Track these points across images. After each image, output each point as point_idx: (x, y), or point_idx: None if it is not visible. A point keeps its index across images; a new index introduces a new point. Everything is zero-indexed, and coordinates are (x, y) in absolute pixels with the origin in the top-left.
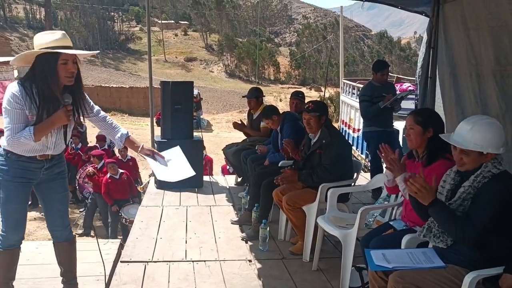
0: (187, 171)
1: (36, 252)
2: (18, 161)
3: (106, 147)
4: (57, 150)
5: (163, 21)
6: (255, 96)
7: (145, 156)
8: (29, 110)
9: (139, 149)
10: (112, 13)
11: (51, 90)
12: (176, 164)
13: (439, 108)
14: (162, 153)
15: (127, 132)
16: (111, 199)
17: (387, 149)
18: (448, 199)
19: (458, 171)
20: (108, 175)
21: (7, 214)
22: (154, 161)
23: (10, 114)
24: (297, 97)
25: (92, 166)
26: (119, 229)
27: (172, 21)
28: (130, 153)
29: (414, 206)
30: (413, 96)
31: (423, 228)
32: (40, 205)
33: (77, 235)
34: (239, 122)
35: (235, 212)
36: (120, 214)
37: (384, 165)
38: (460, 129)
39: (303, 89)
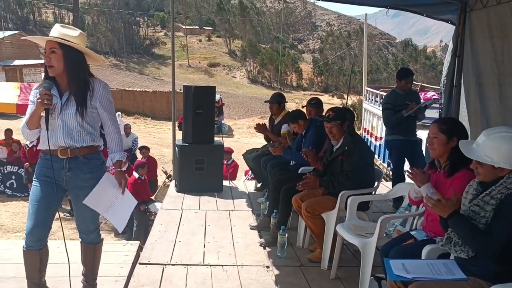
0: (118, 222)
1: (57, 251)
2: (45, 160)
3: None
4: (59, 141)
5: (187, 27)
6: (277, 101)
7: (105, 177)
8: None
9: (115, 170)
10: (138, 18)
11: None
12: (118, 207)
13: (463, 117)
14: (125, 192)
15: (121, 156)
16: (139, 199)
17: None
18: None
19: (480, 182)
20: (136, 176)
21: (28, 213)
22: (105, 186)
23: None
24: (310, 104)
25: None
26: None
27: (197, 27)
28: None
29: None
30: (438, 105)
31: (443, 238)
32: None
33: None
34: (262, 124)
35: (254, 217)
36: (147, 209)
37: (406, 175)
38: (478, 138)
39: (325, 96)
